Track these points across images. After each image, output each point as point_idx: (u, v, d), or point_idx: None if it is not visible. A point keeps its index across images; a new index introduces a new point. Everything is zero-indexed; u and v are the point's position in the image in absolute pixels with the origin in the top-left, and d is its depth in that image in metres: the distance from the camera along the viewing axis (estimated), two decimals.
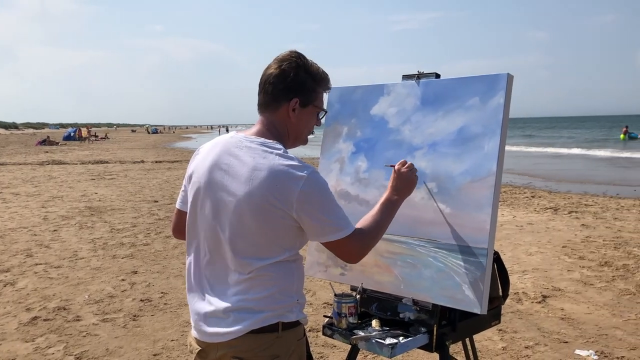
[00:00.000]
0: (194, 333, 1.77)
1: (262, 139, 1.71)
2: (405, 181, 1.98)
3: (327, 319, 2.32)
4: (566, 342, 4.22)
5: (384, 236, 2.31)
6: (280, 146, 1.69)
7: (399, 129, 2.37)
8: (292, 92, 1.74)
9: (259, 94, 1.79)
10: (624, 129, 43.29)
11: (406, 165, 2.02)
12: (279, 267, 1.66)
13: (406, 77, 2.44)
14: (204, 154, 1.79)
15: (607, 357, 3.93)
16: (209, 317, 1.69)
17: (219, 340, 1.67)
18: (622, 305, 5.03)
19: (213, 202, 1.70)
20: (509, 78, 2.09)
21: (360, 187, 2.43)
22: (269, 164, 1.62)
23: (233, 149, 1.71)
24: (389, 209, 1.88)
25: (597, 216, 9.45)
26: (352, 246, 1.70)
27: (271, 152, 1.65)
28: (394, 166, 2.03)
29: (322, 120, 1.91)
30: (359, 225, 1.76)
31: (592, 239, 7.69)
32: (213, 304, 1.69)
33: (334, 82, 1.93)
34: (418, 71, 2.39)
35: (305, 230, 1.68)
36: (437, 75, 2.35)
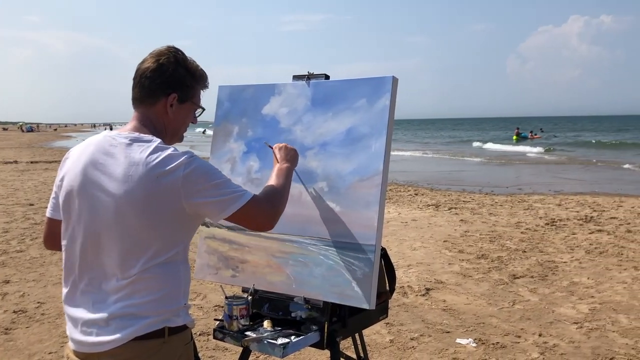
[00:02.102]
0: (71, 345, 1.65)
1: (136, 134, 1.64)
2: (289, 152, 2.08)
3: (218, 322, 2.28)
4: (448, 332, 4.47)
5: (276, 236, 2.30)
6: (156, 139, 1.63)
7: (290, 128, 2.38)
8: (171, 87, 1.69)
9: (133, 89, 1.72)
10: (516, 130, 47.47)
11: (283, 143, 2.14)
12: (165, 268, 1.60)
13: (297, 77, 2.45)
14: (76, 157, 1.69)
15: (484, 343, 4.22)
16: (89, 326, 1.59)
17: (100, 349, 1.57)
18: (497, 294, 5.42)
19: (90, 205, 1.61)
20: (394, 81, 2.17)
21: (252, 187, 2.41)
22: (146, 158, 1.56)
23: (107, 147, 1.63)
24: (284, 175, 1.92)
25: (474, 212, 10.11)
26: (259, 210, 1.68)
27: (148, 146, 1.59)
28: (271, 146, 2.15)
29: (198, 118, 1.87)
30: (259, 193, 1.75)
31: (470, 234, 8.21)
32: (93, 312, 1.59)
33: (224, 80, 1.92)
34: (308, 72, 2.42)
35: (203, 214, 1.64)
36: (327, 77, 2.39)
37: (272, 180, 1.87)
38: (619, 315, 4.80)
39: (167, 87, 1.69)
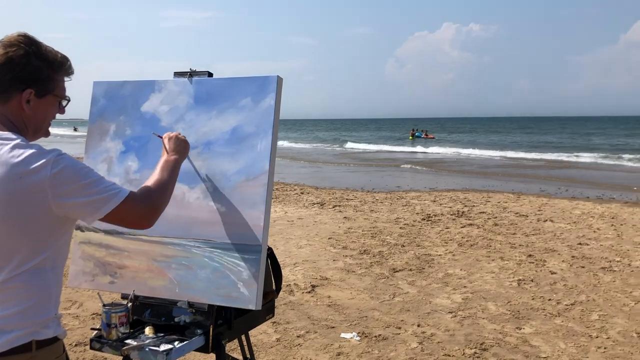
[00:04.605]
0: None
1: None
2: (179, 144, 1.99)
3: (96, 332, 2.15)
4: (333, 327, 4.57)
5: (157, 239, 2.21)
6: (16, 136, 1.49)
7: (172, 127, 2.30)
8: (24, 82, 1.53)
9: None
10: (411, 131, 50.08)
11: (174, 132, 2.06)
12: (32, 275, 1.47)
13: (178, 74, 2.38)
14: None
15: (367, 336, 4.36)
16: None
17: None
18: (379, 288, 5.63)
19: None
20: (279, 80, 2.17)
21: (131, 188, 2.30)
22: (7, 158, 1.43)
23: None
24: (169, 169, 1.83)
25: (357, 209, 10.44)
26: (136, 209, 1.58)
27: (7, 145, 1.46)
28: (161, 136, 2.06)
29: (65, 108, 1.73)
30: (139, 189, 1.66)
31: (353, 230, 8.46)
32: None
33: (101, 76, 1.79)
34: (190, 69, 2.35)
35: (74, 216, 1.53)
36: (210, 74, 2.34)
37: (156, 174, 1.78)
38: (488, 303, 5.18)
39: (19, 82, 1.53)
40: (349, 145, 42.32)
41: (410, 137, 47.96)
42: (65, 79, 1.65)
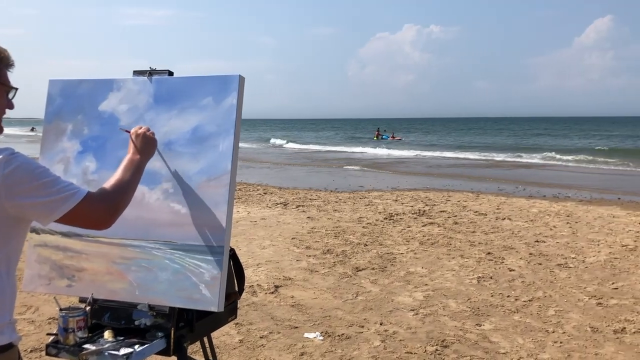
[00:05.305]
0: None
1: None
2: (146, 141, 1.95)
3: (52, 337, 2.09)
4: (296, 327, 4.56)
5: (117, 241, 2.17)
6: None
7: (131, 126, 2.26)
8: None
9: None
10: (376, 131, 50.34)
11: (142, 127, 2.00)
12: None
13: (137, 72, 2.34)
14: None
15: (330, 336, 4.38)
16: None
17: None
18: (342, 287, 5.66)
19: None
20: (241, 79, 2.16)
21: (89, 189, 2.25)
22: None
23: None
24: (133, 168, 1.79)
25: (320, 209, 10.46)
26: (94, 209, 1.55)
27: None
28: (129, 131, 2.01)
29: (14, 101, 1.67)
30: (100, 189, 1.63)
31: (316, 230, 8.47)
32: None
33: (58, 74, 1.73)
34: (150, 67, 2.31)
35: (29, 217, 1.49)
36: (171, 73, 2.31)
37: (118, 173, 1.74)
38: (449, 300, 5.27)
39: None
40: (274, 141, 45.06)
41: (375, 138, 48.40)
42: (8, 71, 1.59)
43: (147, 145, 1.94)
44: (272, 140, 47.33)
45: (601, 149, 32.17)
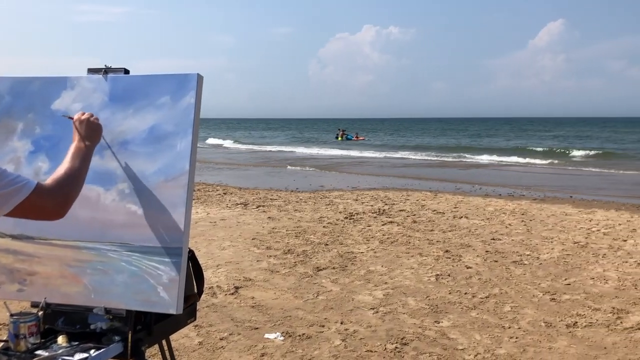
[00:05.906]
0: None
1: None
2: (90, 127, 1.92)
3: (2, 344, 2.02)
4: (257, 328, 4.54)
5: (71, 244, 2.11)
6: None
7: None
8: None
9: None
10: (340, 132, 50.20)
11: (85, 114, 1.97)
12: None
13: (92, 70, 2.28)
14: None
15: (291, 336, 4.37)
16: None
17: None
18: (303, 287, 5.65)
19: None
20: (199, 78, 2.13)
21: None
22: None
23: None
24: (81, 156, 1.77)
25: (281, 209, 10.43)
26: (45, 200, 1.52)
27: None
28: (72, 118, 1.98)
29: None
30: (49, 179, 1.60)
31: (277, 230, 8.45)
32: None
33: (6, 72, 1.69)
34: (105, 65, 2.26)
35: None
36: (126, 71, 2.26)
37: (66, 162, 1.72)
38: (408, 298, 5.33)
39: None
40: (212, 141, 45.99)
41: (339, 138, 48.53)
42: None
43: (92, 131, 1.92)
44: (209, 140, 47.53)
45: (566, 150, 33.11)
